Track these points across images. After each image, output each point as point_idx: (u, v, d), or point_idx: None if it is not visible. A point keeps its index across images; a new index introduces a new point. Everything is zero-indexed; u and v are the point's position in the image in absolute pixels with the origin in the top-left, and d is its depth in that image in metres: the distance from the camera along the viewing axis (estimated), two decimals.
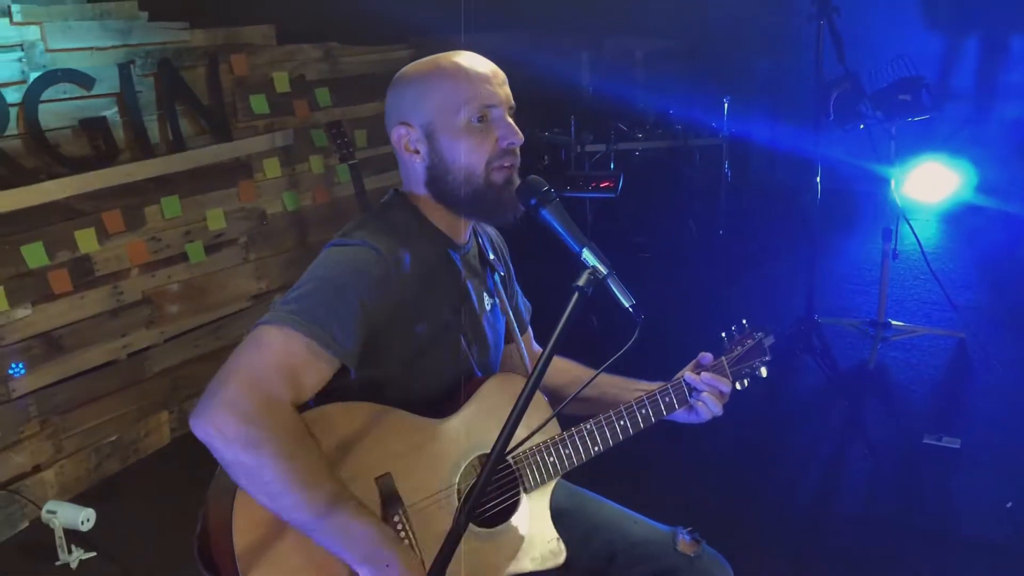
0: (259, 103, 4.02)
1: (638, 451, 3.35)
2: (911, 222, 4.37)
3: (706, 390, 1.71)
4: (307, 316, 1.41)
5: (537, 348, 1.99)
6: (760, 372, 1.80)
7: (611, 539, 1.79)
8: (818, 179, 3.67)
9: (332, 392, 1.49)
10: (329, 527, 1.37)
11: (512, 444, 1.51)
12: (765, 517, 3.10)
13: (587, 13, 6.52)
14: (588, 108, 5.87)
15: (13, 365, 2.98)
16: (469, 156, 1.56)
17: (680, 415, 1.76)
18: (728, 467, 3.42)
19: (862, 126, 3.90)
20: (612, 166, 5.43)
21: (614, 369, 1.75)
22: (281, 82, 4.11)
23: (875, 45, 4.80)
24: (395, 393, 1.54)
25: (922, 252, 4.32)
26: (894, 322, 4.32)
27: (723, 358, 1.78)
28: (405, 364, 1.56)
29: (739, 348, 1.79)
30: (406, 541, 1.46)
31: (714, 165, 5.98)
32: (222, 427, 1.33)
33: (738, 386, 1.78)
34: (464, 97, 1.55)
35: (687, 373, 1.75)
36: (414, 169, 1.62)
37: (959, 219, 6.30)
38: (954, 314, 4.43)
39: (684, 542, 1.77)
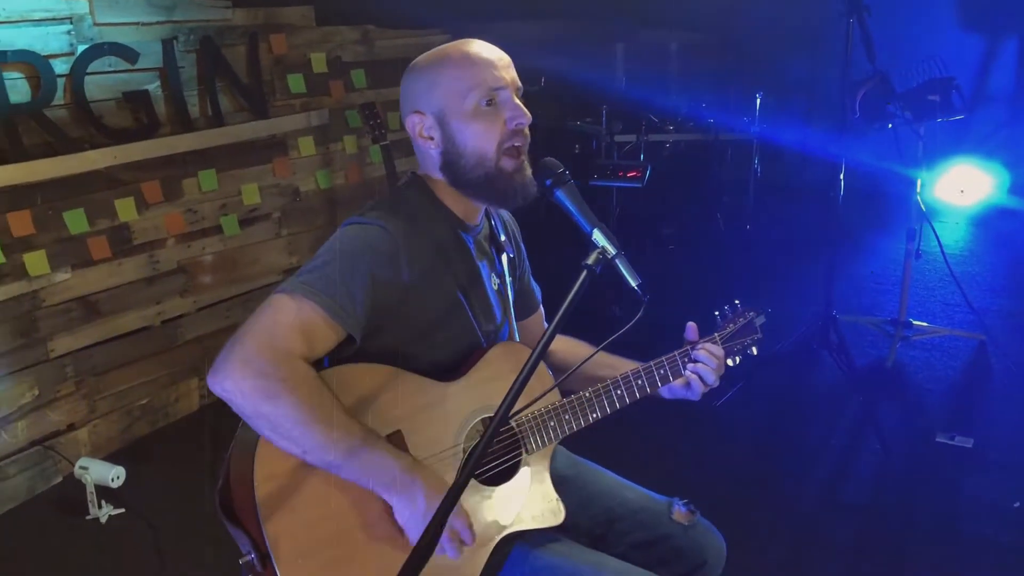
0: (296, 82, 4.12)
1: (657, 435, 3.47)
2: (939, 223, 4.39)
3: (702, 361, 1.78)
4: (319, 286, 1.51)
5: (544, 324, 2.07)
6: (751, 351, 1.88)
7: (610, 506, 1.88)
8: (841, 177, 3.69)
9: (345, 359, 1.58)
10: (352, 463, 1.47)
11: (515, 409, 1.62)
12: (771, 503, 3.16)
13: (624, 4, 6.55)
14: (620, 99, 5.91)
15: None
16: (479, 139, 1.63)
17: (678, 391, 1.82)
18: (739, 454, 3.48)
19: (890, 126, 3.91)
20: (642, 157, 5.47)
21: (626, 355, 1.87)
22: (318, 63, 4.21)
23: (909, 45, 4.81)
24: (405, 362, 1.63)
25: (943, 254, 4.34)
26: (915, 322, 4.34)
27: (715, 335, 1.85)
28: (414, 336, 1.65)
29: (731, 326, 1.87)
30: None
31: (744, 160, 6.00)
32: (239, 382, 1.42)
33: (730, 362, 1.86)
34: (471, 82, 1.62)
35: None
36: (429, 155, 1.70)
37: (990, 222, 6.28)
38: (976, 316, 4.44)
39: (679, 512, 1.85)
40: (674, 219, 6.05)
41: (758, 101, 5.74)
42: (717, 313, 1.90)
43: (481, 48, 1.67)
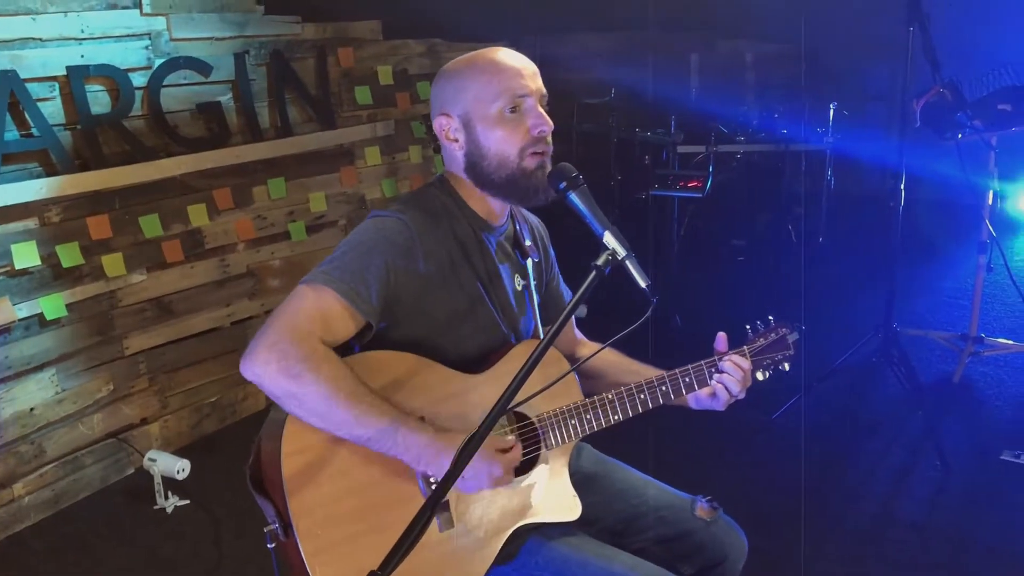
0: (363, 94, 4.26)
1: (713, 448, 3.46)
2: (1010, 238, 4.24)
3: (727, 372, 1.79)
4: (336, 274, 1.60)
5: (578, 335, 2.11)
6: (783, 367, 1.88)
7: (634, 502, 1.92)
8: (902, 187, 3.62)
9: (371, 347, 1.67)
10: (380, 435, 1.54)
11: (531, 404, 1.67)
12: (823, 518, 3.11)
13: (700, 15, 6.54)
14: (690, 109, 5.89)
15: None
16: (502, 144, 1.70)
17: (704, 400, 1.84)
18: (792, 467, 3.43)
19: (960, 136, 3.82)
20: (711, 168, 5.45)
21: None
22: (385, 75, 4.34)
23: (984, 53, 4.67)
24: (431, 354, 1.69)
25: (1007, 268, 4.20)
26: (987, 337, 4.21)
27: (745, 347, 1.86)
28: (438, 328, 1.71)
29: (762, 340, 1.87)
30: (434, 486, 1.61)
31: (817, 172, 5.91)
32: (266, 365, 1.51)
33: (759, 376, 1.86)
34: (498, 89, 1.69)
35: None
36: (454, 156, 1.77)
37: None
38: None
39: (702, 508, 1.88)
40: (744, 231, 5.99)
41: (832, 111, 5.65)
42: (748, 327, 1.91)
43: (508, 56, 1.74)
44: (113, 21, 3.29)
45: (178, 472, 3.34)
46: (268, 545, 1.58)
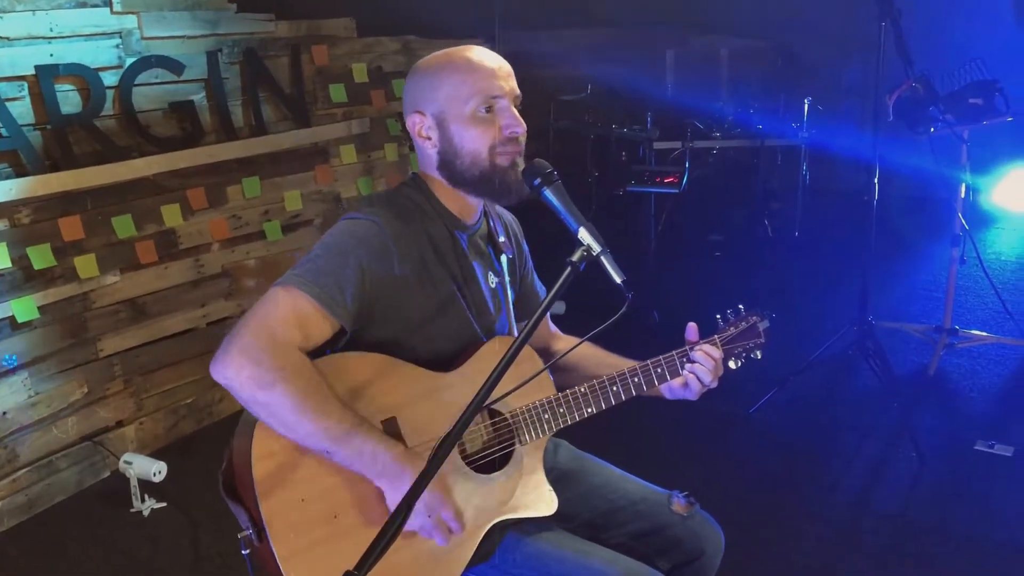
0: (338, 92, 4.23)
1: (690, 441, 3.48)
2: (996, 229, 4.29)
3: (698, 362, 1.80)
4: (310, 277, 1.59)
5: (552, 329, 2.11)
6: (755, 355, 1.88)
7: (611, 497, 1.92)
8: (875, 181, 3.64)
9: (343, 349, 1.66)
10: (345, 449, 1.53)
11: (504, 400, 1.67)
12: (801, 509, 3.14)
13: (675, 11, 6.56)
14: (666, 105, 5.91)
15: (6, 357, 3.16)
16: (475, 142, 1.69)
17: (677, 390, 1.84)
18: (770, 460, 3.47)
19: (932, 130, 3.85)
20: (687, 164, 5.47)
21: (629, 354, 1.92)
22: (359, 73, 4.32)
23: (959, 48, 4.71)
24: (403, 354, 1.69)
25: (980, 260, 4.26)
26: (961, 329, 4.26)
27: (716, 336, 1.86)
28: (410, 328, 1.71)
29: (732, 329, 1.87)
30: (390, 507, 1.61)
31: (793, 167, 5.95)
32: (238, 371, 1.50)
33: (732, 365, 1.86)
34: (472, 89, 1.68)
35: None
36: (427, 154, 1.77)
37: None
38: (1015, 323, 4.32)
39: (678, 503, 1.88)
40: (721, 226, 6.03)
41: (806, 106, 5.68)
42: (719, 316, 1.91)
43: (483, 55, 1.73)
44: (83, 20, 3.25)
45: (155, 474, 3.31)
46: (242, 551, 1.57)
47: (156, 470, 3.31)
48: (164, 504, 3.28)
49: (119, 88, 3.39)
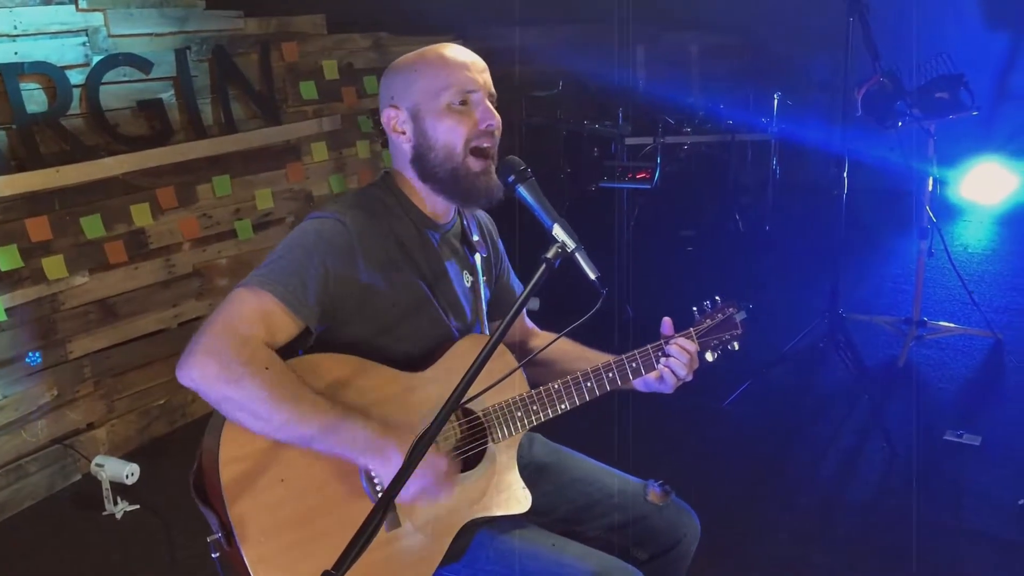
0: (308, 89, 4.21)
1: (664, 434, 3.50)
2: (963, 222, 4.36)
3: (672, 355, 1.81)
4: (274, 277, 1.58)
5: (529, 324, 2.11)
6: (732, 347, 1.89)
7: (587, 491, 1.92)
8: (845, 175, 3.68)
9: (313, 350, 1.65)
10: (323, 434, 1.52)
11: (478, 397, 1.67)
12: (775, 501, 3.17)
13: (645, 7, 6.58)
14: (638, 101, 5.93)
15: (30, 354, 3.21)
16: (450, 134, 1.69)
17: (652, 383, 1.85)
18: (744, 453, 3.49)
19: (900, 124, 3.89)
20: (659, 159, 5.49)
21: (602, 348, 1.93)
22: (330, 69, 4.30)
23: (928, 43, 4.76)
24: (374, 354, 1.68)
25: (947, 252, 4.32)
26: (929, 321, 4.31)
27: (691, 329, 1.87)
28: (380, 328, 1.70)
29: (709, 321, 1.88)
30: (379, 487, 1.60)
31: (763, 161, 6.00)
32: (204, 371, 1.49)
33: (708, 357, 1.87)
34: (447, 82, 1.69)
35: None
36: (401, 148, 1.76)
37: (1015, 221, 6.20)
38: (982, 314, 4.39)
39: (654, 493, 1.89)
40: (692, 221, 6.06)
41: (776, 101, 5.73)
42: (695, 308, 1.92)
43: (458, 52, 1.75)
44: (48, 17, 3.21)
45: (127, 477, 3.28)
46: (212, 555, 1.56)
47: (128, 472, 3.28)
48: (137, 507, 3.24)
49: (86, 86, 3.35)
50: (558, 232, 1.51)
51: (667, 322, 1.88)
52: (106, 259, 3.47)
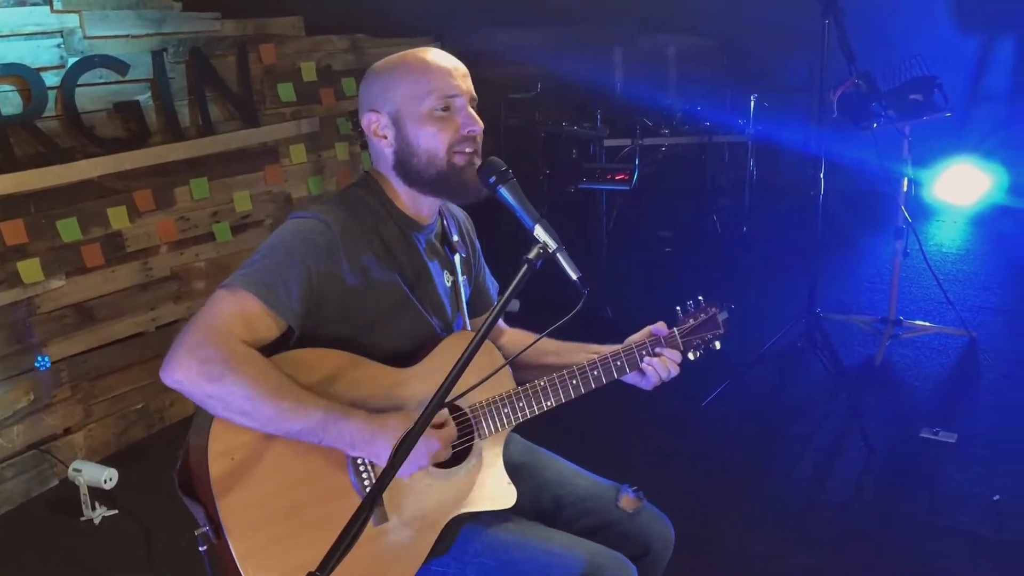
0: (286, 91, 4.20)
1: (643, 434, 3.52)
2: (937, 222, 4.41)
3: (656, 357, 1.82)
4: (256, 277, 1.58)
5: (499, 322, 2.11)
6: (714, 346, 1.91)
7: (559, 493, 1.93)
8: (821, 176, 3.72)
9: (298, 346, 1.64)
10: (310, 426, 1.53)
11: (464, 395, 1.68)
12: (753, 501, 3.19)
13: (622, 9, 6.62)
14: (616, 103, 5.96)
15: (39, 358, 3.24)
16: (432, 140, 1.69)
17: (632, 378, 1.87)
18: (723, 452, 3.52)
19: (875, 125, 3.93)
20: (637, 161, 5.52)
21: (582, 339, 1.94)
22: (308, 71, 4.29)
23: (901, 46, 4.82)
24: (359, 351, 1.68)
25: (922, 252, 4.38)
26: (905, 320, 4.36)
27: (675, 329, 1.89)
28: (363, 328, 1.70)
29: (692, 321, 1.90)
30: (366, 481, 1.61)
31: (740, 162, 6.05)
32: (187, 371, 1.49)
33: (691, 356, 1.89)
34: (429, 87, 1.69)
35: (638, 337, 1.88)
36: (382, 153, 1.76)
37: (989, 221, 6.29)
38: (957, 313, 4.45)
39: (627, 498, 1.88)
40: (670, 222, 6.10)
41: (752, 103, 5.77)
42: (678, 308, 1.94)
43: (440, 56, 1.74)
44: (22, 18, 3.18)
45: (105, 481, 3.25)
46: (200, 548, 1.56)
47: (107, 477, 3.25)
48: (116, 511, 3.22)
49: (61, 88, 3.32)
50: (540, 233, 1.52)
51: (660, 326, 1.90)
52: (83, 262, 3.44)
